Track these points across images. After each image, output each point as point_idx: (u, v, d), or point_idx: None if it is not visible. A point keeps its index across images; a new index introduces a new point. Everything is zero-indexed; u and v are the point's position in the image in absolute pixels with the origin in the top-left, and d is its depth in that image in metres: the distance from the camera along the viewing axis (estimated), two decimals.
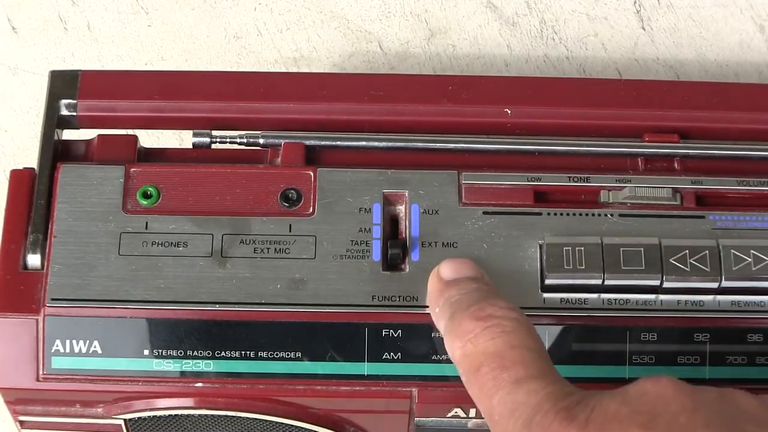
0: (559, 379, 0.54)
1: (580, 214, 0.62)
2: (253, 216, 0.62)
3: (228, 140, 0.65)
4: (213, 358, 0.60)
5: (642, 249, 0.60)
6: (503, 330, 0.55)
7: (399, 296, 0.61)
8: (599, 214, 0.62)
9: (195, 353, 0.60)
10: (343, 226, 0.62)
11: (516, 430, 0.52)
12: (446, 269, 0.59)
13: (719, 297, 0.61)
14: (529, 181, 0.63)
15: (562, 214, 0.62)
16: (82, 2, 0.85)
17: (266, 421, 0.62)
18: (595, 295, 0.61)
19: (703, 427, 0.49)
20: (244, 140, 0.65)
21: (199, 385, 0.60)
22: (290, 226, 0.62)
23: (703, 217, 0.62)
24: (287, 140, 0.65)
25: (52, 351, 0.60)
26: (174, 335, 0.60)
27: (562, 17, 0.85)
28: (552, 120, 0.66)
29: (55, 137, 0.64)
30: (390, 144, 0.65)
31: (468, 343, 0.55)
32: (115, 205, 0.62)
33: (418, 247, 0.61)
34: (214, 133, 0.65)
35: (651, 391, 0.52)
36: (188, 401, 0.61)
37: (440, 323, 0.58)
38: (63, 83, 0.65)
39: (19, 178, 0.63)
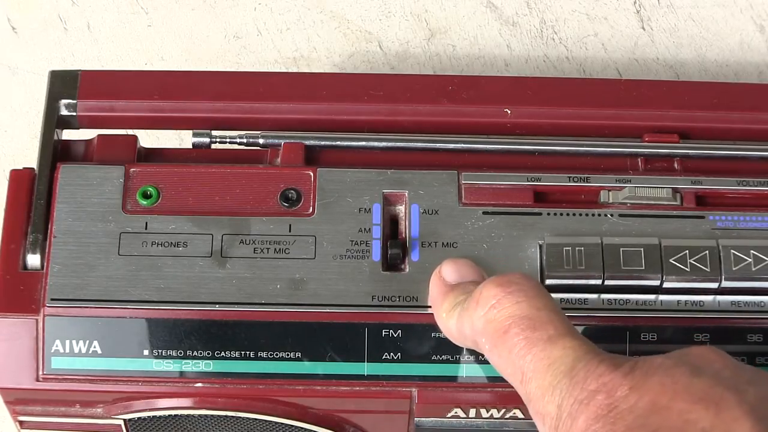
0: (589, 341, 0.54)
1: (580, 214, 0.62)
2: (253, 216, 0.62)
3: (228, 140, 0.65)
4: (213, 358, 0.60)
5: (642, 249, 0.60)
6: (526, 294, 0.54)
7: (399, 296, 0.60)
8: (599, 214, 0.62)
9: (195, 353, 0.60)
10: (342, 226, 0.62)
11: (555, 379, 0.52)
12: (448, 271, 0.59)
13: (719, 297, 0.61)
14: (529, 181, 0.63)
15: (562, 214, 0.62)
16: (82, 2, 0.85)
17: (266, 421, 0.61)
18: (595, 295, 0.61)
19: (747, 383, 0.50)
20: (244, 140, 0.65)
21: (199, 385, 0.60)
22: (290, 226, 0.62)
23: (703, 217, 0.62)
24: (287, 140, 0.65)
25: (52, 351, 0.60)
26: (174, 335, 0.60)
27: (562, 17, 0.85)
28: (552, 120, 0.66)
29: (55, 137, 0.64)
30: (390, 144, 0.65)
31: (491, 309, 0.55)
32: (114, 205, 0.62)
33: (417, 247, 0.61)
34: (214, 133, 0.65)
35: (694, 352, 0.52)
36: (188, 401, 0.61)
37: (449, 322, 0.58)
38: (63, 83, 0.65)
39: (19, 178, 0.63)
